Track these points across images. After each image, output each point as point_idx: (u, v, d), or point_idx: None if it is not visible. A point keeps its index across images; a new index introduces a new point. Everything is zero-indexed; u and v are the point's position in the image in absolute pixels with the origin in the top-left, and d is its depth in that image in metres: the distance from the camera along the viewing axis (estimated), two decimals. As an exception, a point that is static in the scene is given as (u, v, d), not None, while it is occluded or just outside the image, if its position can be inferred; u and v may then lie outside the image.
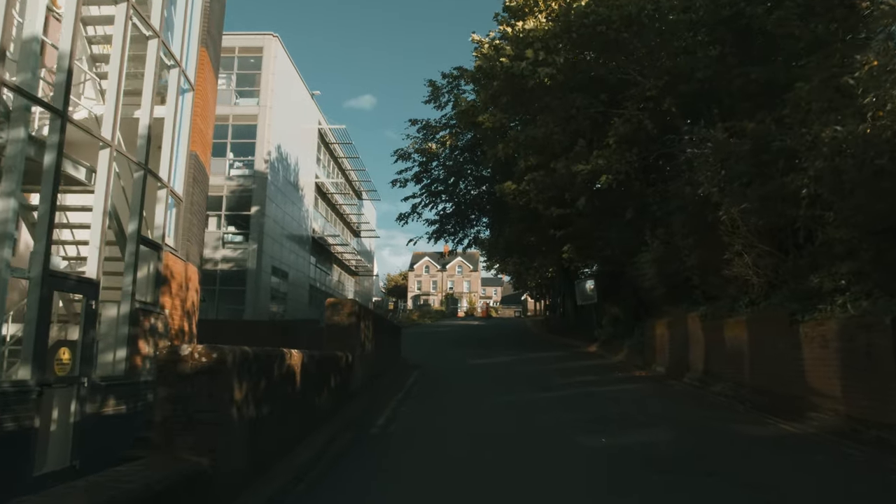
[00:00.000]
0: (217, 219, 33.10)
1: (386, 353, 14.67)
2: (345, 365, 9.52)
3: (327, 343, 10.23)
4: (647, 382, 14.23)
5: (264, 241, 32.40)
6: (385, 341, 14.64)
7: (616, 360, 19.81)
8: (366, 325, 11.33)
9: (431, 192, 29.04)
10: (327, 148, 45.20)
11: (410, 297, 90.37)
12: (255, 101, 33.63)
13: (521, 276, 53.80)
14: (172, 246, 11.32)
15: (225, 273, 32.26)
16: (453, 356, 20.35)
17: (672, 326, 16.08)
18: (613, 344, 22.34)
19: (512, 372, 15.95)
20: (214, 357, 4.67)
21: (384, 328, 14.41)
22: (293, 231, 37.35)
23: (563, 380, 14.40)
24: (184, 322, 11.75)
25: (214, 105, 14.26)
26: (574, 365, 17.94)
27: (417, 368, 16.39)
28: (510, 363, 18.35)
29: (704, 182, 12.13)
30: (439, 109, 27.89)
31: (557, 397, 11.54)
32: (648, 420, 9.24)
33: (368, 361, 11.84)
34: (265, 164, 32.74)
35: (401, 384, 13.10)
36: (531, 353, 21.82)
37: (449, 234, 30.16)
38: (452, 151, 27.26)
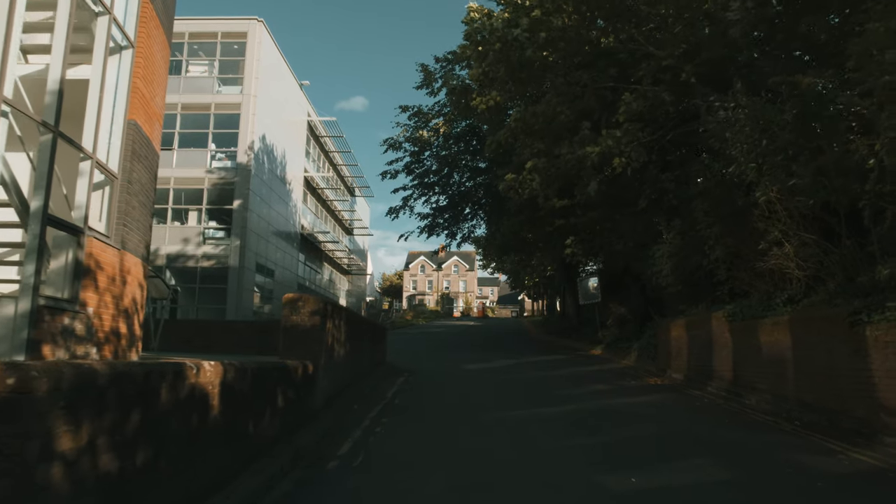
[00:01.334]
0: (198, 213, 31.11)
1: (365, 358, 12.68)
2: (301, 377, 7.56)
3: (284, 349, 8.27)
4: (665, 392, 12.27)
5: (248, 237, 30.39)
6: (364, 345, 12.66)
7: (624, 364, 17.86)
8: (335, 326, 9.36)
9: (424, 184, 27.04)
10: (317, 141, 43.20)
11: (406, 296, 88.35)
12: (238, 90, 31.65)
13: (518, 274, 51.86)
14: (102, 231, 9.33)
15: (206, 270, 30.25)
16: (447, 360, 18.36)
17: (691, 328, 14.13)
18: (620, 346, 20.41)
19: (512, 379, 13.97)
20: (10, 383, 2.71)
21: (363, 329, 12.42)
22: (280, 227, 35.34)
23: (571, 389, 12.43)
24: (119, 323, 9.75)
25: (165, 71, 12.24)
26: (580, 371, 16.00)
27: (404, 375, 14.41)
28: (509, 368, 16.38)
29: (739, 156, 10.18)
30: (432, 96, 25.90)
31: (566, 413, 9.57)
32: (684, 446, 7.27)
33: (339, 369, 9.87)
34: (249, 155, 30.75)
35: (381, 395, 11.12)
36: (531, 356, 19.87)
37: (442, 229, 28.18)
38: (446, 140, 25.26)
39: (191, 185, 30.83)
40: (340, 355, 9.88)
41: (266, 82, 32.43)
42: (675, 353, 15.00)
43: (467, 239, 29.16)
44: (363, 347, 12.39)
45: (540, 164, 14.54)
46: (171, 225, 30.79)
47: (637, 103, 13.41)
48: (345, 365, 10.40)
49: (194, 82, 31.85)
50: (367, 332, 12.83)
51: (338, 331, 9.63)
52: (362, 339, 12.26)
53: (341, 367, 10.05)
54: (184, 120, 31.40)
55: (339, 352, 9.73)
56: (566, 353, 21.29)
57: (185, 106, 31.35)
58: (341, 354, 9.94)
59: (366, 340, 12.65)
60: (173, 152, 30.92)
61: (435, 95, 25.40)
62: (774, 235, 10.59)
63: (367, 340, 12.96)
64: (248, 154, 30.74)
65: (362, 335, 12.30)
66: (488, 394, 11.72)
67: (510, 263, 47.67)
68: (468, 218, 28.20)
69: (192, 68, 32.54)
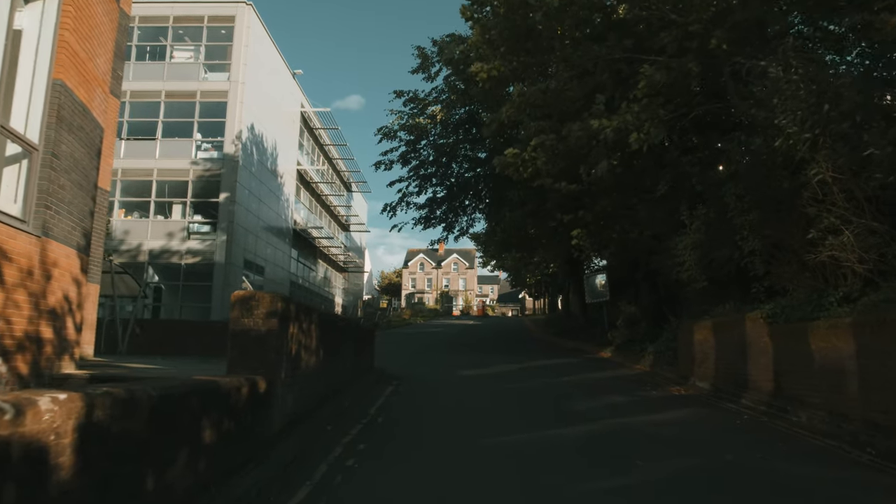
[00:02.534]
0: (182, 206, 29.37)
1: (348, 366, 10.90)
2: (248, 398, 5.81)
3: (233, 361, 6.52)
4: (695, 406, 10.50)
5: (235, 232, 28.64)
6: (347, 350, 10.88)
7: (639, 370, 16.10)
8: (302, 330, 7.60)
9: (420, 175, 25.22)
10: (311, 133, 41.42)
11: (405, 295, 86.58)
12: (225, 76, 29.90)
13: (519, 272, 50.08)
14: (16, 214, 7.56)
15: (190, 267, 28.51)
16: (442, 364, 16.58)
17: (720, 330, 12.35)
18: (632, 349, 18.64)
19: (516, 389, 12.20)
20: None
21: (345, 332, 10.63)
22: (271, 222, 33.59)
23: (584, 401, 10.65)
24: (41, 326, 7.96)
25: (111, 31, 10.43)
26: (591, 377, 14.23)
27: (394, 383, 12.65)
28: (512, 375, 14.61)
29: (789, 127, 8.41)
30: (429, 81, 24.13)
31: (585, 438, 7.80)
32: (749, 491, 5.50)
33: (309, 382, 8.10)
34: (236, 146, 28.97)
35: (363, 410, 9.35)
36: (535, 359, 18.09)
37: (439, 221, 26.35)
38: (444, 128, 23.44)
39: (175, 177, 29.08)
40: (310, 365, 8.11)
41: (255, 69, 30.65)
42: (699, 359, 13.22)
43: (465, 232, 27.37)
44: (344, 353, 10.61)
45: (547, 140, 12.74)
46: (154, 219, 29.05)
47: (660, 74, 11.61)
48: (318, 375, 8.63)
49: (179, 69, 30.09)
50: (349, 335, 11.06)
51: (307, 336, 7.86)
52: (343, 344, 10.49)
53: (312, 378, 8.28)
54: (168, 108, 29.65)
55: (308, 361, 7.96)
56: (573, 356, 19.52)
57: (169, 93, 29.59)
58: (312, 364, 8.18)
59: (348, 345, 10.88)
60: (156, 142, 29.20)
61: (432, 80, 23.64)
62: (830, 222, 8.83)
63: (350, 345, 11.18)
64: (236, 144, 28.96)
65: (343, 339, 10.52)
66: (489, 409, 9.94)
67: (511, 261, 45.91)
68: (467, 210, 26.38)
69: (177, 54, 30.76)
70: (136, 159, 28.90)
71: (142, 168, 28.94)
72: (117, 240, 28.35)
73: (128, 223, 28.84)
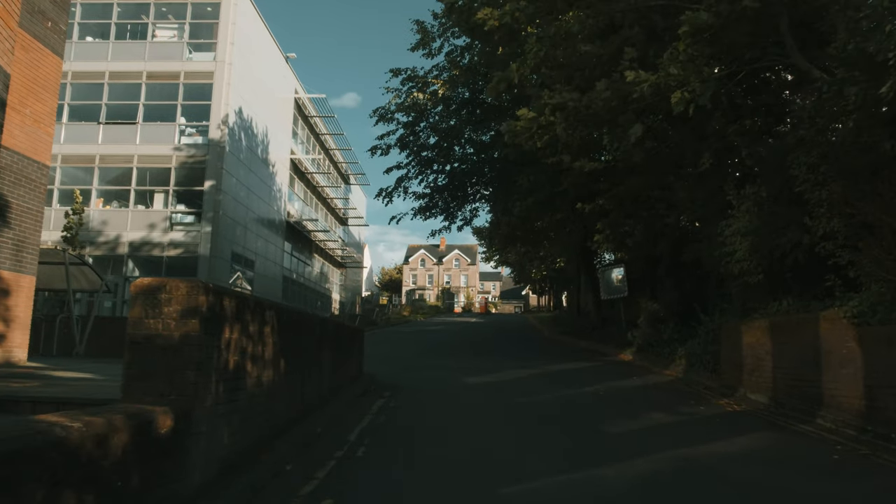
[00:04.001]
0: (164, 195, 27.17)
1: (322, 377, 8.68)
2: (133, 450, 3.62)
3: (128, 384, 4.34)
4: (761, 428, 8.26)
5: (221, 223, 26.44)
6: (323, 356, 8.65)
7: (670, 376, 13.88)
8: (247, 335, 5.40)
9: (420, 160, 22.96)
10: (306, 122, 39.17)
11: (405, 291, 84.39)
12: (210, 56, 27.67)
13: (523, 268, 47.84)
14: None
15: (172, 260, 26.34)
16: (443, 369, 14.36)
17: (781, 332, 10.11)
18: (656, 351, 16.42)
19: (534, 403, 9.97)
20: None
21: (319, 334, 8.39)
22: (262, 213, 31.38)
23: (622, 422, 8.43)
24: None
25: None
26: (618, 387, 12.00)
27: (385, 395, 10.43)
28: (526, 383, 12.38)
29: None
30: (429, 58, 21.84)
31: (639, 481, 5.57)
32: None
33: (260, 405, 5.87)
34: (222, 130, 26.75)
35: (340, 438, 7.13)
36: (549, 363, 15.86)
37: (440, 211, 24.09)
38: (446, 106, 21.14)
39: (157, 164, 26.90)
40: (264, 382, 5.91)
41: (243, 49, 28.41)
42: (750, 366, 10.98)
43: (468, 223, 25.09)
44: (321, 361, 8.39)
45: (570, 100, 10.47)
46: (135, 209, 26.87)
47: (707, 15, 9.35)
48: (276, 394, 6.41)
49: (161, 48, 27.88)
50: (327, 338, 8.83)
51: (256, 342, 5.66)
52: (319, 350, 8.26)
53: (266, 399, 6.06)
54: (149, 90, 27.43)
55: (259, 377, 5.76)
56: (590, 359, 17.29)
57: (151, 74, 27.39)
58: (266, 380, 5.97)
59: (326, 350, 8.65)
60: (137, 126, 27.01)
61: (433, 57, 21.34)
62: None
63: (329, 350, 8.96)
64: (222, 129, 26.74)
65: (319, 344, 8.30)
66: (504, 433, 7.73)
67: (515, 256, 43.71)
68: (470, 199, 24.12)
69: (160, 33, 28.55)
70: (115, 145, 26.74)
71: (121, 154, 26.77)
72: (94, 231, 26.20)
73: (106, 213, 26.66)
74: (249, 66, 29.15)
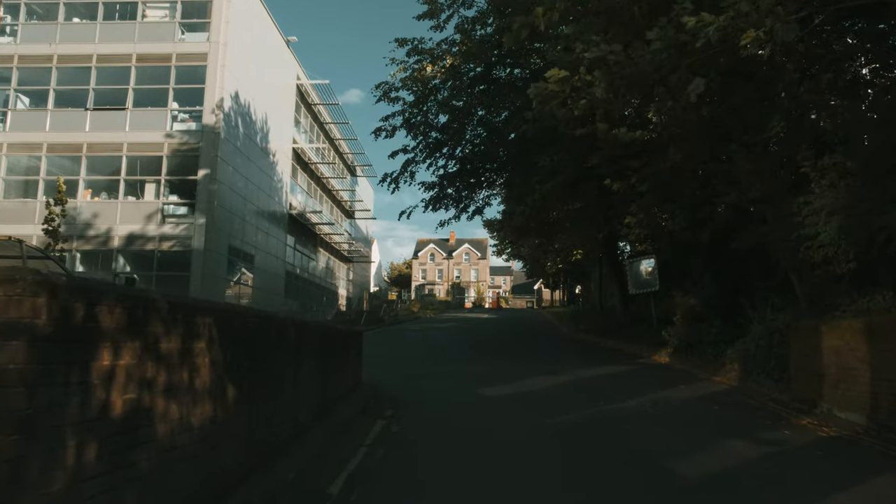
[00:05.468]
0: (155, 185, 25.25)
1: (298, 402, 6.63)
2: None
3: None
4: (888, 468, 6.18)
5: (216, 214, 24.50)
6: (300, 375, 6.61)
7: (721, 383, 11.78)
8: (154, 357, 3.41)
9: (429, 144, 20.87)
10: (309, 110, 37.17)
11: (414, 286, 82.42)
12: (204, 37, 25.65)
13: (537, 261, 45.63)
14: None
15: (165, 255, 24.44)
16: (455, 376, 12.31)
17: (881, 335, 8.00)
18: (699, 353, 14.31)
19: (568, 425, 7.92)
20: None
21: (291, 344, 6.30)
22: (262, 205, 29.45)
23: (694, 459, 6.33)
24: None
25: None
26: (667, 398, 9.90)
27: (386, 414, 8.40)
28: (554, 394, 10.31)
29: None
30: (437, 31, 19.66)
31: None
32: None
33: (183, 466, 3.88)
34: (217, 115, 24.77)
35: (317, 489, 5.12)
36: (576, 367, 13.78)
37: (451, 201, 22.00)
38: (456, 78, 18.95)
39: (147, 152, 24.98)
40: (194, 426, 3.90)
41: (239, 29, 26.41)
42: (835, 377, 8.85)
43: (480, 212, 22.97)
44: (297, 378, 6.36)
45: (610, 52, 8.35)
46: (124, 200, 24.98)
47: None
48: (221, 438, 4.40)
49: (152, 29, 25.91)
50: (307, 348, 6.79)
51: (174, 365, 3.66)
52: (295, 365, 6.24)
53: (196, 450, 4.05)
54: (139, 74, 25.48)
55: (181, 418, 3.75)
56: (622, 362, 15.20)
57: (141, 57, 25.42)
58: (199, 423, 3.97)
59: (305, 366, 6.62)
60: (126, 112, 25.08)
61: (442, 29, 19.21)
62: None
63: (310, 365, 6.92)
64: (217, 114, 24.76)
65: (296, 357, 6.27)
66: (545, 473, 5.69)
67: (528, 249, 41.55)
68: (483, 184, 22.00)
69: (150, 12, 26.56)
70: (103, 132, 24.83)
71: (110, 142, 24.87)
72: (83, 224, 24.34)
73: (95, 205, 24.80)
74: (246, 47, 27.17)
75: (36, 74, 25.36)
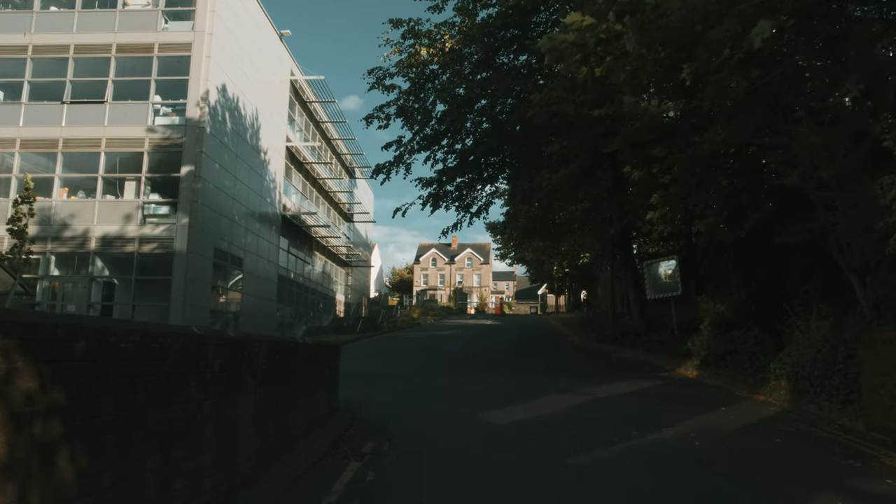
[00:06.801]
0: (135, 183, 23.52)
1: (232, 444, 4.77)
2: None
3: None
4: None
5: (200, 214, 22.73)
6: (230, 413, 4.74)
7: (773, 405, 9.85)
8: None
9: (426, 135, 19.04)
10: (304, 107, 35.46)
11: (416, 291, 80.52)
12: (189, 26, 23.98)
13: (542, 265, 43.73)
14: None
15: (145, 258, 22.69)
16: (456, 398, 10.40)
17: None
18: (732, 366, 12.42)
19: (599, 469, 6.04)
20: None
21: (210, 374, 4.41)
22: (252, 205, 27.68)
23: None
24: None
25: None
26: (713, 426, 8.00)
27: (360, 457, 6.51)
28: (575, 423, 8.41)
29: None
30: (436, 12, 17.89)
31: None
32: None
33: None
34: (202, 109, 23.05)
35: None
36: (593, 382, 11.87)
37: (452, 200, 20.17)
38: (456, 63, 17.13)
39: (127, 148, 23.27)
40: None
41: (227, 18, 24.74)
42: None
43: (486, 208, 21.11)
44: (226, 420, 4.50)
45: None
46: (103, 199, 23.23)
47: None
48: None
49: (133, 18, 24.24)
50: (247, 375, 4.93)
51: None
52: (223, 403, 4.39)
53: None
54: (119, 65, 23.81)
55: None
56: (645, 376, 13.27)
57: (122, 47, 23.76)
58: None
59: (241, 400, 4.75)
60: (105, 106, 23.40)
61: (440, 11, 17.46)
62: None
63: (259, 395, 5.08)
64: (201, 107, 23.04)
65: (225, 391, 4.43)
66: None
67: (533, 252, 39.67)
68: (485, 180, 20.15)
69: (132, 0, 24.90)
70: (80, 127, 23.15)
71: (88, 138, 23.17)
72: (59, 224, 22.64)
73: (71, 204, 23.09)
74: (235, 38, 25.46)
75: (9, 66, 23.70)
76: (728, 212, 11.56)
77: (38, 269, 22.65)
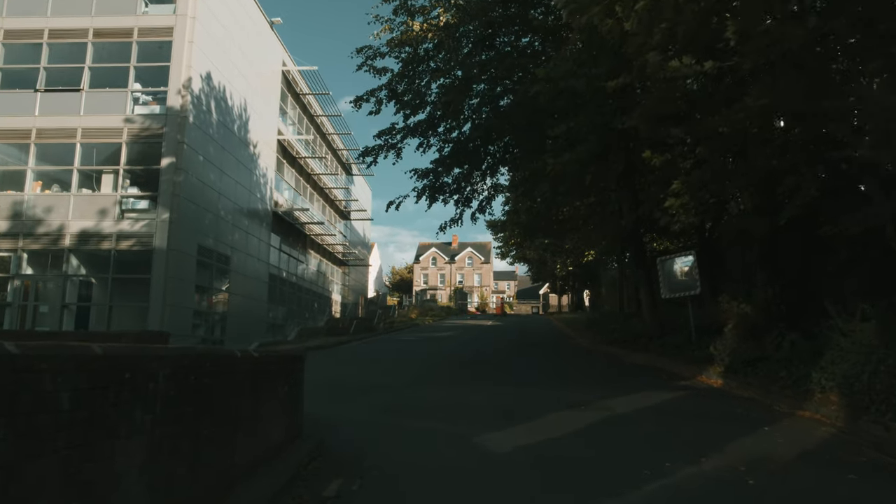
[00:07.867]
0: (113, 176, 22.01)
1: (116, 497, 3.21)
2: None
3: None
4: None
5: (182, 208, 21.24)
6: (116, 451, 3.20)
7: (822, 422, 8.30)
8: None
9: (420, 121, 17.51)
10: (298, 100, 33.95)
11: (416, 291, 78.99)
12: (170, 9, 22.47)
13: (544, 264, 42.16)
14: None
15: (123, 255, 21.19)
16: (450, 416, 8.84)
17: None
18: (765, 376, 10.87)
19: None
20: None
21: (61, 412, 2.90)
22: (240, 201, 26.17)
23: None
24: None
25: None
26: (762, 455, 6.45)
27: (321, 498, 5.02)
28: (589, 445, 6.90)
29: None
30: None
31: None
32: None
33: None
34: (184, 97, 21.55)
35: None
36: (609, 394, 10.31)
37: (450, 193, 18.63)
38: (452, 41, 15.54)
39: (105, 139, 21.79)
40: None
41: (212, 2, 23.26)
42: None
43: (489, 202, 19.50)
44: (99, 481, 3.01)
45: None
46: (78, 193, 21.74)
47: None
48: None
49: (111, 1, 22.74)
50: (150, 403, 3.43)
51: None
52: (90, 463, 2.90)
53: None
54: (97, 51, 22.33)
55: None
56: (665, 386, 11.70)
57: (99, 32, 22.28)
58: None
59: (135, 439, 3.26)
60: (81, 94, 21.90)
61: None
62: None
63: (162, 430, 3.56)
64: (183, 95, 21.54)
65: (98, 434, 2.93)
66: None
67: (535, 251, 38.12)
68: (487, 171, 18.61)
69: (110, -18, 23.37)
70: (55, 116, 21.68)
71: (62, 128, 21.69)
72: (32, 220, 21.16)
73: (45, 199, 21.60)
74: (220, 21, 23.96)
75: (-22, 52, 22.26)
76: (760, 199, 10.03)
77: (10, 268, 21.18)
